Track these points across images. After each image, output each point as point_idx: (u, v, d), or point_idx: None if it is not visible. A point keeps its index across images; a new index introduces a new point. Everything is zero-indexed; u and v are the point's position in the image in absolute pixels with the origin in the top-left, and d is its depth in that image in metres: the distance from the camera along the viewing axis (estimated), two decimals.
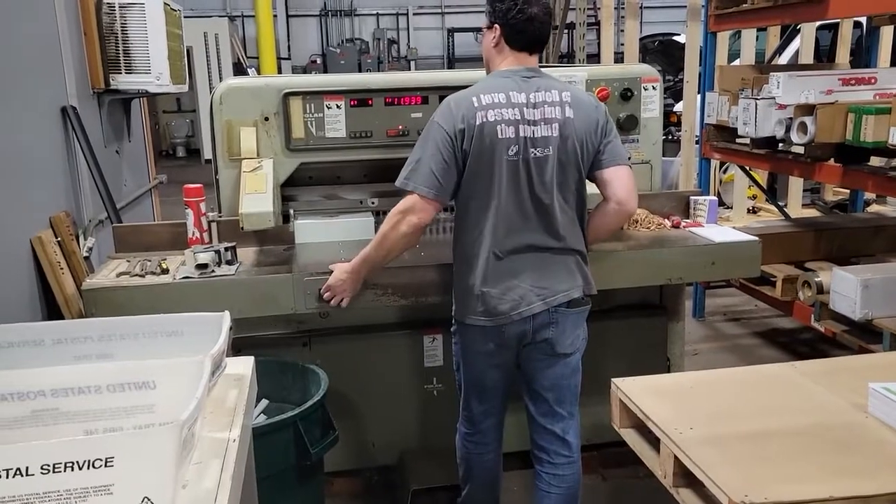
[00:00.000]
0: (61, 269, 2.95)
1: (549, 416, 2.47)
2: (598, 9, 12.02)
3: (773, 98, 3.79)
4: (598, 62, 7.19)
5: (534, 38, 2.33)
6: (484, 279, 2.30)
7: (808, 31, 5.75)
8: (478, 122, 2.23)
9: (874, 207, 5.75)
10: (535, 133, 2.27)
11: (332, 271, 2.52)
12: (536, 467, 2.54)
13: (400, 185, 2.29)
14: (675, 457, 1.91)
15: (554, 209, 2.31)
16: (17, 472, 0.95)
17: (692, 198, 3.25)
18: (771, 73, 3.86)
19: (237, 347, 2.81)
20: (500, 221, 2.28)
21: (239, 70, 13.44)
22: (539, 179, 2.28)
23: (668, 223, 3.11)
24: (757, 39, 5.82)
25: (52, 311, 2.94)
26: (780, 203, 5.52)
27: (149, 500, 1.00)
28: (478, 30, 18.57)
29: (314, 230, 2.95)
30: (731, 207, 5.81)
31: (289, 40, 19.29)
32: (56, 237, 3.04)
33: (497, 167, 2.25)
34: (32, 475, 0.96)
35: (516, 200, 2.28)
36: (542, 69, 2.42)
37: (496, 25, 2.32)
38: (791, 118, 3.68)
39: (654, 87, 3.18)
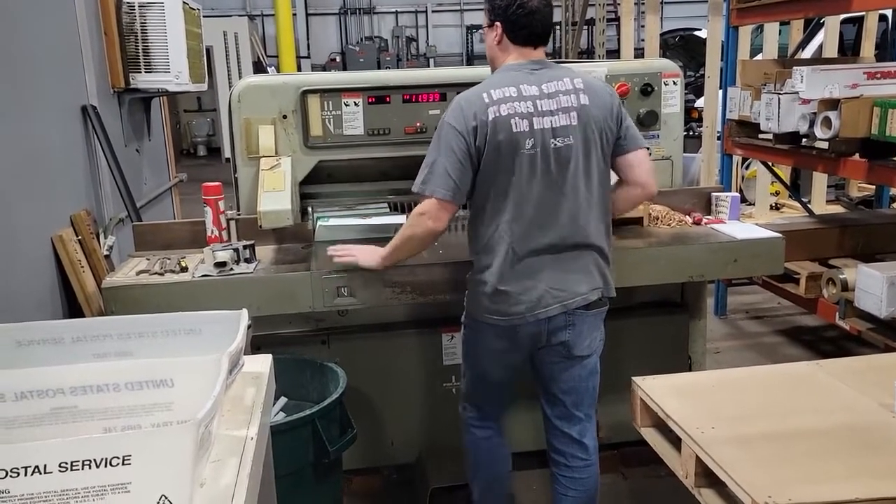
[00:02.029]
0: (82, 267, 2.98)
1: (565, 418, 2.43)
2: (618, 4, 11.96)
3: (797, 93, 3.74)
4: (619, 58, 7.14)
5: (537, 32, 2.29)
6: (501, 277, 2.26)
7: (833, 24, 5.67)
8: (490, 118, 2.19)
9: None
10: (554, 123, 2.23)
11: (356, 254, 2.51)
12: (553, 470, 2.50)
13: (417, 191, 2.27)
14: (697, 456, 1.89)
15: (578, 200, 2.26)
16: (36, 470, 0.95)
17: (714, 194, 3.22)
18: (794, 68, 3.81)
19: (256, 345, 2.82)
20: (520, 217, 2.24)
21: (259, 69, 13.51)
22: (560, 170, 2.23)
23: (689, 220, 3.07)
24: (780, 34, 5.75)
25: (73, 308, 2.96)
26: (803, 199, 5.45)
27: (166, 498, 1.00)
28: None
29: (336, 231, 2.95)
30: (754, 204, 5.74)
31: (308, 39, 19.35)
32: (77, 235, 3.07)
33: (514, 162, 2.21)
34: (50, 473, 0.96)
35: (537, 194, 2.24)
36: (550, 60, 2.40)
37: (497, 23, 2.29)
38: (815, 113, 3.63)
39: (674, 83, 3.14)
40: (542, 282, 2.26)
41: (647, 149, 2.41)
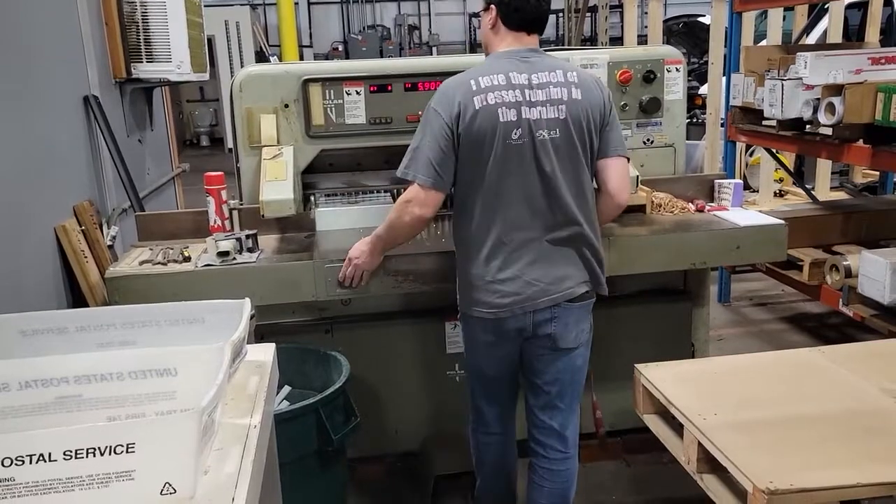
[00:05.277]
0: (85, 257, 2.98)
1: (548, 409, 2.40)
2: None
3: (801, 78, 3.72)
4: (622, 45, 7.10)
5: (532, 17, 2.27)
6: (488, 269, 2.24)
7: (837, 9, 5.63)
8: (477, 106, 2.16)
9: None
10: (542, 114, 2.20)
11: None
12: (531, 459, 2.50)
13: (400, 175, 2.26)
14: (699, 443, 1.90)
15: (565, 193, 2.23)
16: (41, 458, 0.96)
17: (717, 181, 3.21)
18: (798, 53, 3.79)
19: (260, 334, 2.83)
20: (507, 207, 2.21)
21: (261, 58, 13.48)
22: (548, 162, 2.20)
23: (692, 207, 3.07)
24: (784, 19, 5.71)
25: (77, 298, 2.97)
26: (807, 186, 5.43)
27: (170, 485, 1.01)
28: None
29: (335, 217, 2.95)
30: (758, 191, 5.72)
31: (310, 28, 19.31)
32: (80, 226, 3.07)
33: (500, 152, 2.18)
34: (55, 461, 0.96)
35: (523, 185, 2.21)
36: (548, 51, 2.38)
37: (492, 6, 2.27)
38: (818, 99, 3.61)
39: (677, 69, 3.13)
40: (528, 274, 2.23)
41: (627, 159, 2.37)
